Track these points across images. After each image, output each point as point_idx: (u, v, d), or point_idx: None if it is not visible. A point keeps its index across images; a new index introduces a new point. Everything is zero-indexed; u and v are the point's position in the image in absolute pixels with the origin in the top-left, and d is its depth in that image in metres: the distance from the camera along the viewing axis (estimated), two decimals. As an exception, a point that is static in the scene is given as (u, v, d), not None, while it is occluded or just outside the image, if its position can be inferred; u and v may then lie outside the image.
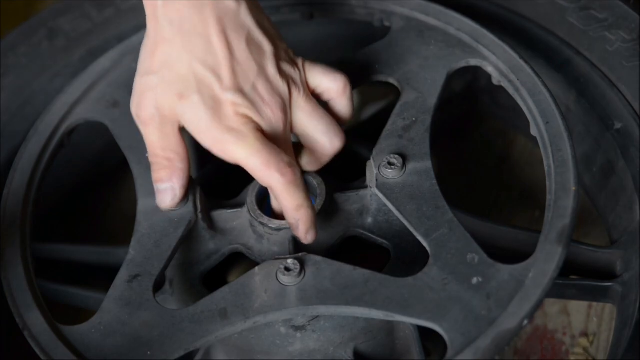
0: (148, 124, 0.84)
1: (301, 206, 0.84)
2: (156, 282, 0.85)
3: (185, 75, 0.81)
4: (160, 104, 0.82)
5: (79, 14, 1.11)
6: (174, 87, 0.81)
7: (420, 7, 0.98)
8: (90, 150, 1.14)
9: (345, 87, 0.88)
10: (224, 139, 0.81)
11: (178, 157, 0.85)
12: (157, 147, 0.85)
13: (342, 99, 0.89)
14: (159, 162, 0.86)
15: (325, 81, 0.88)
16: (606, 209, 0.99)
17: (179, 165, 0.86)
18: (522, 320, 0.77)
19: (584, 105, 0.98)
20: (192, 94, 0.81)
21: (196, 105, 0.81)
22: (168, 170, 0.86)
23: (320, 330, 0.88)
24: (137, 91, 0.84)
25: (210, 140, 0.82)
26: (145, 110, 0.83)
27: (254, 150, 0.81)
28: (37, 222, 0.93)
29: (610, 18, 1.00)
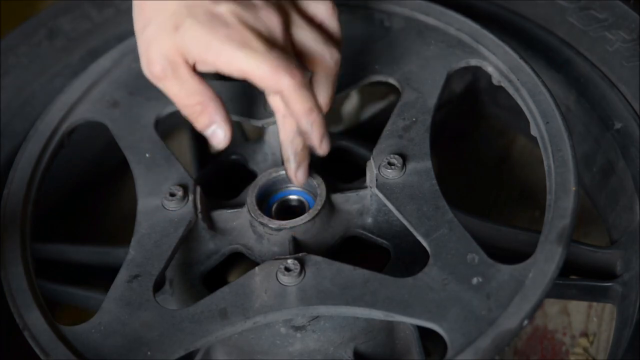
0: (163, 78, 0.83)
1: (313, 109, 0.81)
2: (156, 282, 0.85)
3: (174, 9, 0.80)
4: (165, 49, 0.81)
5: (79, 14, 1.11)
6: (169, 24, 0.81)
7: (420, 7, 0.98)
8: (90, 150, 1.14)
9: (333, 7, 0.87)
10: (226, 49, 0.79)
11: (207, 97, 0.84)
12: (182, 96, 0.83)
13: (332, 20, 0.87)
14: (192, 111, 0.84)
15: (311, 5, 0.86)
16: (606, 209, 0.99)
17: (212, 103, 0.84)
18: (522, 321, 0.77)
19: (584, 105, 0.98)
20: (185, 20, 0.80)
21: (192, 27, 0.80)
22: (205, 114, 0.84)
23: (320, 330, 0.88)
24: (142, 50, 0.83)
25: (213, 55, 0.80)
26: (155, 64, 0.82)
27: (259, 55, 0.79)
28: (37, 222, 0.93)
29: (610, 18, 1.00)
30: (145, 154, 0.94)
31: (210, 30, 0.79)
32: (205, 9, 0.80)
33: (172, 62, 0.82)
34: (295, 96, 0.80)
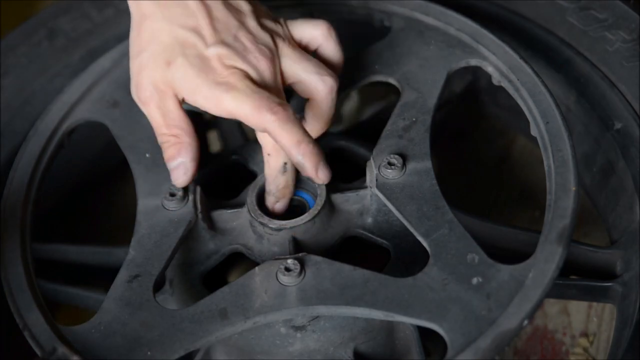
0: (148, 103, 0.86)
1: (301, 141, 0.83)
2: (156, 282, 0.85)
3: (169, 43, 0.84)
4: (154, 79, 0.84)
5: (79, 14, 1.11)
6: (162, 57, 0.84)
7: (420, 7, 0.98)
8: (90, 150, 1.14)
9: (329, 30, 0.89)
10: (214, 93, 0.82)
11: (183, 131, 0.87)
12: (161, 125, 0.86)
13: (329, 43, 0.90)
14: (166, 141, 0.87)
15: (307, 29, 0.89)
16: (606, 209, 0.99)
17: (186, 139, 0.87)
18: (522, 320, 0.77)
19: (584, 105, 0.98)
20: (178, 57, 0.83)
21: (183, 67, 0.83)
22: (176, 146, 0.87)
23: (320, 330, 0.88)
24: (133, 74, 0.86)
25: (202, 97, 0.83)
26: (143, 90, 0.85)
27: (243, 96, 0.82)
28: (37, 222, 0.93)
29: (610, 18, 1.00)
30: (145, 154, 0.94)
31: (200, 73, 0.83)
32: (196, 51, 0.83)
33: (161, 92, 0.85)
34: (280, 132, 0.82)
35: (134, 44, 0.86)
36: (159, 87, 0.85)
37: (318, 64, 0.87)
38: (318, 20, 0.90)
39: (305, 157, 0.84)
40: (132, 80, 0.87)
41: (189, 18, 0.84)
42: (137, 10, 0.85)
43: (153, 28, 0.84)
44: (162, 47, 0.84)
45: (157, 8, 0.84)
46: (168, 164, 0.88)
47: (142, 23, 0.85)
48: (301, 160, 0.85)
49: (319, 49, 0.90)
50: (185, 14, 0.84)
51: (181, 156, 0.87)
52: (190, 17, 0.84)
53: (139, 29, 0.85)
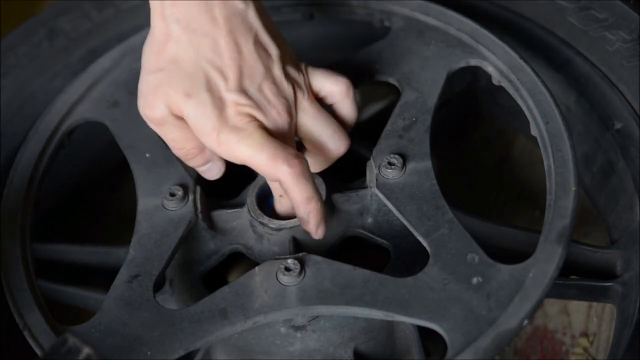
0: (163, 124, 0.83)
1: (311, 198, 0.83)
2: (156, 282, 0.85)
3: (192, 73, 0.80)
4: (170, 104, 0.81)
5: (79, 14, 1.11)
6: (182, 85, 0.80)
7: (420, 7, 0.98)
8: (90, 150, 1.14)
9: (348, 89, 0.88)
10: (229, 139, 0.80)
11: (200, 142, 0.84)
12: (179, 141, 0.84)
13: (345, 102, 0.88)
14: (188, 154, 0.86)
15: (327, 84, 0.87)
16: (606, 209, 0.99)
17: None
18: (522, 320, 0.77)
19: (584, 105, 0.98)
20: (200, 93, 0.80)
21: (203, 105, 0.80)
22: (202, 156, 0.86)
23: (320, 330, 0.88)
24: (144, 90, 0.83)
25: (215, 141, 0.81)
26: (155, 110, 0.82)
27: (259, 145, 0.80)
28: (37, 222, 0.93)
29: (610, 18, 1.00)
30: (145, 154, 0.94)
31: (218, 117, 0.80)
32: (218, 92, 0.81)
33: (174, 114, 0.82)
34: (293, 186, 0.81)
35: (151, 60, 0.82)
36: (173, 110, 0.82)
37: (334, 126, 0.87)
38: (339, 77, 0.88)
39: (311, 215, 0.84)
40: (143, 97, 0.83)
41: (216, 55, 0.80)
42: (163, 29, 0.81)
43: (177, 52, 0.80)
44: (184, 75, 0.80)
45: (185, 34, 0.80)
46: (198, 169, 0.88)
47: (165, 43, 0.81)
48: (306, 217, 0.84)
49: (334, 105, 0.89)
50: (214, 49, 0.80)
51: (211, 161, 0.87)
52: (218, 55, 0.80)
53: (161, 47, 0.81)
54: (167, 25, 0.81)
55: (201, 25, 0.80)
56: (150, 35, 0.83)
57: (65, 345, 0.72)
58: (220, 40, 0.80)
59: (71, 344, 0.72)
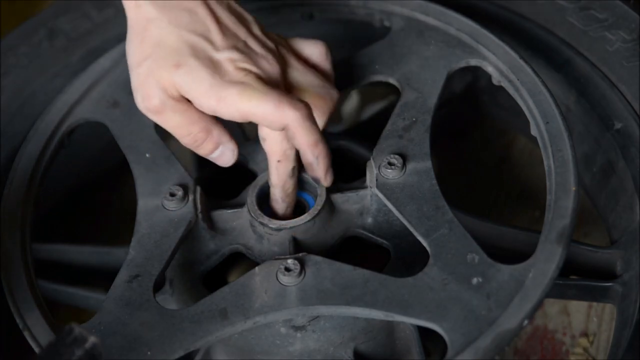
0: (161, 111, 0.83)
1: (319, 141, 0.83)
2: (156, 282, 0.85)
3: (177, 46, 0.81)
4: (162, 84, 0.81)
5: (79, 14, 1.11)
6: (169, 60, 0.81)
7: (420, 7, 0.98)
8: (90, 150, 1.14)
9: (327, 50, 0.90)
10: (229, 94, 0.80)
11: (209, 122, 0.84)
12: (183, 126, 0.84)
13: (325, 63, 0.90)
14: (195, 139, 0.85)
15: (307, 46, 0.89)
16: (606, 209, 0.99)
17: (215, 127, 0.85)
18: (522, 320, 0.77)
19: (584, 105, 0.98)
20: (188, 59, 0.81)
21: (194, 69, 0.80)
22: (210, 139, 0.85)
23: (320, 330, 0.88)
24: (137, 84, 0.83)
25: (214, 99, 0.80)
26: (151, 99, 0.82)
27: (262, 94, 0.80)
28: (37, 222, 0.93)
29: (610, 18, 1.00)
30: (145, 154, 0.94)
31: (213, 74, 0.80)
32: (206, 54, 0.81)
33: (170, 96, 0.82)
34: (301, 129, 0.81)
35: (135, 53, 0.83)
36: (169, 91, 0.82)
37: (321, 77, 0.88)
38: (316, 40, 0.90)
39: (320, 158, 0.84)
40: (137, 92, 0.83)
41: (197, 24, 0.82)
42: (139, 16, 0.82)
43: (158, 33, 0.81)
44: (169, 51, 0.81)
45: (162, 13, 0.81)
46: (210, 157, 0.87)
47: (145, 29, 0.82)
48: (315, 161, 0.84)
49: (316, 66, 0.90)
50: (193, 19, 0.82)
51: (221, 144, 0.86)
52: (198, 23, 0.82)
53: (142, 35, 0.82)
54: (143, 12, 0.82)
55: (176, 2, 0.82)
56: (129, 31, 0.84)
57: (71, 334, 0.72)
58: (198, 10, 0.82)
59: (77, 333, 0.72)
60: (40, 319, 0.83)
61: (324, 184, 0.88)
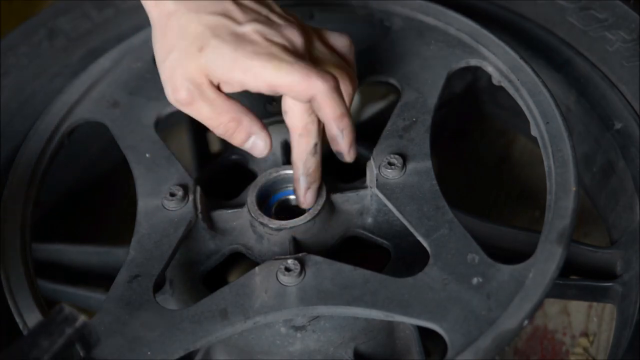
0: (191, 102, 0.82)
1: (344, 114, 0.82)
2: (156, 282, 0.85)
3: (199, 31, 0.81)
4: (190, 73, 0.81)
5: (79, 14, 1.11)
6: (193, 47, 0.81)
7: (420, 7, 0.98)
8: (90, 150, 1.14)
9: (351, 43, 0.88)
10: (254, 64, 0.79)
11: (239, 111, 0.84)
12: (214, 116, 0.83)
13: (349, 53, 0.88)
14: (227, 129, 0.84)
15: (332, 36, 0.87)
16: (606, 209, 0.99)
17: (246, 117, 0.84)
18: (522, 321, 0.77)
19: (584, 106, 0.98)
20: (210, 40, 0.80)
21: (217, 47, 0.80)
22: (240, 129, 0.84)
23: (320, 330, 0.88)
24: (165, 78, 0.83)
25: (240, 71, 0.80)
26: (180, 91, 0.82)
27: (288, 65, 0.79)
28: (37, 222, 0.93)
29: (610, 18, 1.00)
30: (145, 154, 0.94)
31: (237, 47, 0.80)
32: (229, 30, 0.81)
33: (198, 85, 0.81)
34: (328, 101, 0.80)
35: (161, 48, 0.83)
36: (195, 80, 0.81)
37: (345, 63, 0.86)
38: (342, 32, 0.88)
39: (345, 132, 0.83)
40: (166, 86, 0.83)
41: (215, 5, 0.81)
42: (159, 11, 0.82)
43: (180, 24, 0.81)
44: (192, 38, 0.81)
45: (182, 3, 0.81)
46: (244, 147, 0.86)
47: (167, 23, 0.82)
48: (340, 134, 0.83)
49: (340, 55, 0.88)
50: (212, 2, 0.81)
51: (252, 133, 0.85)
52: (216, 4, 0.81)
53: (165, 30, 0.82)
54: (163, 8, 0.82)
55: None
56: (153, 29, 0.84)
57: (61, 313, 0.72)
58: None
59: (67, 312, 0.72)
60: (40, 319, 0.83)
61: (347, 159, 0.85)
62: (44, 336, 0.69)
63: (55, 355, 0.68)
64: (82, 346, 0.71)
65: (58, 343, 0.69)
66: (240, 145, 0.86)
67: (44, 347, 0.68)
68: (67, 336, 0.69)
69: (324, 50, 0.85)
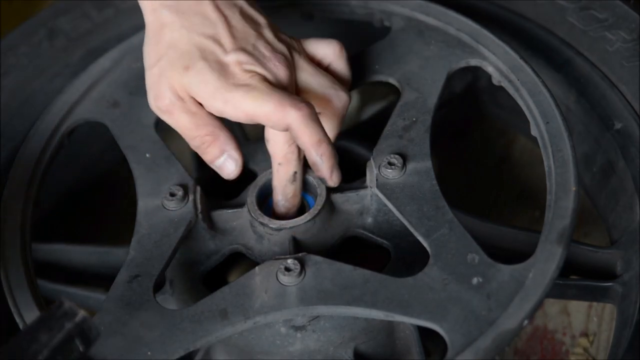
0: (171, 111, 0.85)
1: (322, 140, 0.83)
2: (156, 282, 0.85)
3: (188, 49, 0.83)
4: (172, 85, 0.83)
5: (79, 14, 1.11)
6: (180, 62, 0.83)
7: (420, 7, 0.98)
8: (90, 150, 1.14)
9: (341, 49, 0.90)
10: (234, 96, 0.82)
11: (216, 127, 0.85)
12: (192, 128, 0.85)
13: (340, 61, 0.90)
14: (202, 143, 0.86)
15: (320, 47, 0.90)
16: (606, 209, 0.99)
17: (222, 133, 0.86)
18: (522, 321, 0.77)
19: (584, 106, 0.98)
20: (197, 62, 0.83)
21: (202, 71, 0.82)
22: (215, 144, 0.86)
23: (320, 330, 0.88)
24: (150, 84, 0.85)
25: (220, 101, 0.82)
26: (163, 98, 0.84)
27: (265, 95, 0.81)
28: (37, 222, 0.93)
29: (611, 18, 1.00)
30: (145, 154, 0.94)
31: (219, 79, 0.82)
32: (215, 57, 0.83)
33: (180, 98, 0.84)
34: (303, 129, 0.82)
35: (151, 53, 0.85)
36: (178, 93, 0.84)
37: (332, 79, 0.88)
38: (330, 39, 0.90)
39: (324, 157, 0.84)
40: (150, 91, 0.85)
41: (208, 27, 0.84)
42: (155, 20, 0.85)
43: (171, 36, 0.84)
44: (180, 53, 0.83)
45: (177, 17, 0.84)
46: (213, 164, 0.87)
47: (160, 32, 0.84)
48: (319, 160, 0.84)
49: (330, 66, 0.90)
50: (205, 23, 0.84)
51: (226, 150, 0.86)
52: (209, 27, 0.84)
53: (157, 37, 0.85)
54: (159, 15, 0.84)
55: (189, 6, 0.84)
56: (146, 33, 0.86)
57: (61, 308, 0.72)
58: (209, 14, 0.84)
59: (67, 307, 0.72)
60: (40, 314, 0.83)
61: (330, 184, 0.87)
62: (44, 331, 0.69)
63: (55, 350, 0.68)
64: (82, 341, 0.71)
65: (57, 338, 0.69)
66: (211, 162, 0.87)
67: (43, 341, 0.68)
68: (67, 331, 0.69)
69: (310, 71, 0.87)
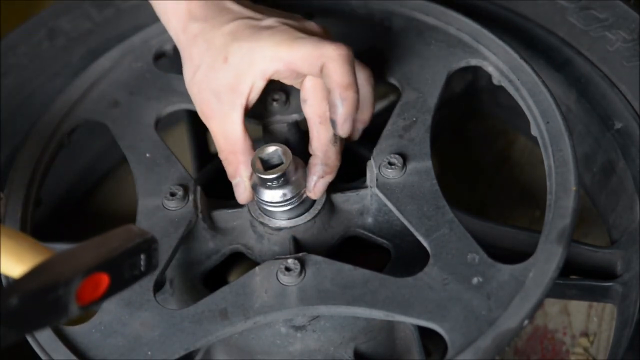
0: (212, 117, 0.86)
1: (351, 85, 0.81)
2: (156, 282, 0.85)
3: (223, 41, 0.84)
4: (214, 86, 0.84)
5: (79, 14, 1.11)
6: (219, 60, 0.84)
7: (421, 7, 0.98)
8: (90, 151, 1.14)
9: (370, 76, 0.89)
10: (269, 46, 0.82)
11: (240, 150, 0.86)
12: (221, 137, 0.86)
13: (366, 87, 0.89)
14: (225, 158, 0.88)
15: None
16: (606, 209, 0.99)
17: (242, 158, 0.86)
18: (522, 320, 0.77)
19: (584, 105, 0.98)
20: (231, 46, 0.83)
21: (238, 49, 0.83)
22: (233, 165, 0.87)
23: (320, 330, 0.88)
24: (193, 94, 0.87)
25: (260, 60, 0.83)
26: (207, 103, 0.86)
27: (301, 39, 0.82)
28: (37, 222, 0.93)
29: (611, 18, 1.00)
30: (146, 153, 0.94)
31: (253, 39, 0.83)
32: (248, 26, 0.84)
33: (221, 101, 0.85)
34: (337, 67, 0.81)
35: (188, 69, 0.86)
36: (221, 95, 0.84)
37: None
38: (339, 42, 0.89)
39: (345, 102, 0.81)
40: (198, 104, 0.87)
41: (237, 14, 0.85)
42: (186, 37, 0.86)
43: (205, 39, 0.85)
44: (217, 50, 0.84)
45: (205, 22, 0.85)
46: (231, 180, 0.89)
47: (193, 44, 0.86)
48: (339, 103, 0.81)
49: None
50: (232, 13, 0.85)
51: (239, 175, 0.87)
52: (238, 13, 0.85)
53: (190, 52, 0.86)
54: (190, 31, 0.86)
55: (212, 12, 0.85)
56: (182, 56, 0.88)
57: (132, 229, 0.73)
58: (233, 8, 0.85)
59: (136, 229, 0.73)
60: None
61: (339, 131, 0.82)
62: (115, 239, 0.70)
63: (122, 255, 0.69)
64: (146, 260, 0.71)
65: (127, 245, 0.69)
66: (229, 179, 0.89)
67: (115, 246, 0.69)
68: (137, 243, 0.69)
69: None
